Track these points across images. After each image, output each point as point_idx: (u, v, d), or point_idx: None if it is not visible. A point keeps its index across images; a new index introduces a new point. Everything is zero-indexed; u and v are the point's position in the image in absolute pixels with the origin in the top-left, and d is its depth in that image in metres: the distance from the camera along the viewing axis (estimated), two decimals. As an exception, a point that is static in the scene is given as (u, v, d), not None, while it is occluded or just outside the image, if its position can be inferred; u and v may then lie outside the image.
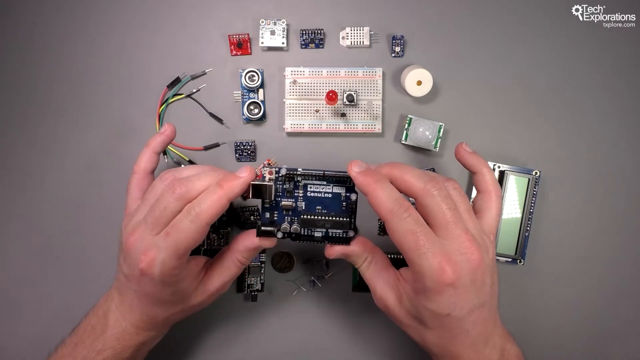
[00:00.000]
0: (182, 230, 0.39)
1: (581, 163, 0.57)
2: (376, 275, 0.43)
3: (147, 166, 0.47)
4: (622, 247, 0.56)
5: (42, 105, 0.57)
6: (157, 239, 0.40)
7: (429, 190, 0.38)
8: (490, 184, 0.44)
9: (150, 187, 0.44)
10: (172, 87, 0.57)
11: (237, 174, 0.41)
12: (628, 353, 0.56)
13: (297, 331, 0.56)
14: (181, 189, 0.40)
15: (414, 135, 0.55)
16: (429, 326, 0.40)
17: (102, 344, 0.44)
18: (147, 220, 0.41)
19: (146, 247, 0.40)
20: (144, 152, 0.47)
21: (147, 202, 0.43)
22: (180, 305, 0.45)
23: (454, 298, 0.38)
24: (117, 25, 0.57)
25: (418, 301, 0.39)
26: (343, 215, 0.44)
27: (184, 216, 0.40)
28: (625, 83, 0.56)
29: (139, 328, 0.45)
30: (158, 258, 0.40)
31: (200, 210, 0.39)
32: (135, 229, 0.42)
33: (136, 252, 0.41)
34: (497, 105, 0.57)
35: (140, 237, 0.41)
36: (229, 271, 0.46)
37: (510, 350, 0.42)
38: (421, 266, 0.37)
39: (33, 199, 0.57)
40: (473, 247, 0.38)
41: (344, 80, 0.56)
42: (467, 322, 0.39)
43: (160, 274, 0.40)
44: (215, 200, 0.40)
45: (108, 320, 0.45)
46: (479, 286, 0.39)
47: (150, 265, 0.40)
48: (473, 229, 0.40)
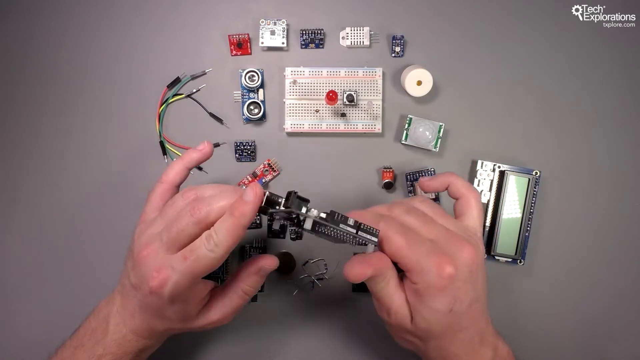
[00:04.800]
0: (201, 257, 0.39)
1: (581, 163, 0.57)
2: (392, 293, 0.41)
3: (175, 179, 0.46)
4: (622, 247, 0.56)
5: (42, 105, 0.57)
6: (173, 259, 0.39)
7: (382, 226, 0.39)
8: (463, 188, 0.44)
9: (171, 201, 0.43)
10: (172, 87, 0.57)
11: (244, 199, 0.39)
12: (628, 353, 0.56)
13: (297, 331, 0.56)
14: (200, 212, 0.39)
15: (414, 135, 0.55)
16: (432, 328, 0.40)
17: (102, 349, 0.44)
18: (163, 238, 0.40)
19: (159, 265, 0.39)
20: (176, 164, 0.46)
21: (165, 217, 0.42)
22: (181, 323, 0.44)
23: (454, 291, 0.38)
24: (117, 25, 0.57)
25: (424, 303, 0.39)
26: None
27: (204, 244, 0.39)
28: (626, 83, 0.56)
29: (139, 335, 0.44)
30: (172, 279, 0.39)
31: (219, 240, 0.39)
32: (149, 243, 0.41)
33: (148, 268, 0.40)
34: (497, 105, 0.57)
35: (155, 253, 0.40)
36: (231, 302, 0.45)
37: (502, 348, 0.42)
38: (420, 264, 0.38)
39: (34, 200, 0.57)
40: (463, 242, 0.39)
41: (344, 80, 0.56)
42: (466, 318, 0.39)
43: (170, 294, 0.40)
44: (230, 229, 0.39)
45: (109, 325, 0.44)
46: (475, 279, 0.39)
47: (162, 285, 0.39)
48: (454, 228, 0.41)
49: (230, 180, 0.57)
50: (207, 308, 0.44)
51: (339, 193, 0.57)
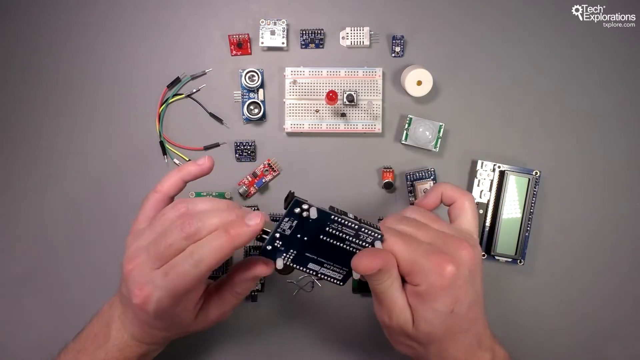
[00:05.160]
0: (182, 274, 0.37)
1: (581, 163, 0.57)
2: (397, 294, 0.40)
3: (169, 190, 0.44)
4: (621, 247, 0.56)
5: (43, 105, 0.57)
6: (155, 276, 0.38)
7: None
8: (454, 192, 0.44)
9: (161, 214, 0.41)
10: (172, 87, 0.57)
11: (246, 221, 0.38)
12: (628, 353, 0.56)
13: (297, 332, 0.56)
14: (190, 228, 0.38)
15: (414, 135, 0.55)
16: (434, 331, 0.40)
17: (104, 354, 0.43)
18: (150, 252, 0.39)
19: (143, 281, 0.38)
20: (172, 176, 0.44)
21: (154, 230, 0.41)
22: (179, 330, 0.44)
23: (455, 291, 0.38)
24: (117, 26, 0.57)
25: (425, 304, 0.39)
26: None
27: (185, 259, 0.37)
28: (625, 83, 0.56)
29: (140, 341, 0.44)
30: (154, 296, 0.38)
31: (202, 257, 0.37)
32: (135, 257, 0.40)
33: (132, 284, 0.39)
34: (497, 105, 0.57)
35: (139, 268, 0.39)
36: (227, 302, 0.44)
37: (498, 352, 0.42)
38: (420, 266, 0.38)
39: (35, 200, 0.57)
40: (461, 242, 0.39)
41: (344, 80, 0.56)
42: (466, 319, 0.39)
43: (154, 311, 0.39)
44: (218, 248, 0.37)
45: (111, 330, 0.44)
46: (474, 280, 0.39)
47: (145, 302, 0.38)
48: (450, 231, 0.41)
49: (231, 181, 0.57)
50: (204, 310, 0.44)
51: (339, 193, 0.57)
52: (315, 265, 0.41)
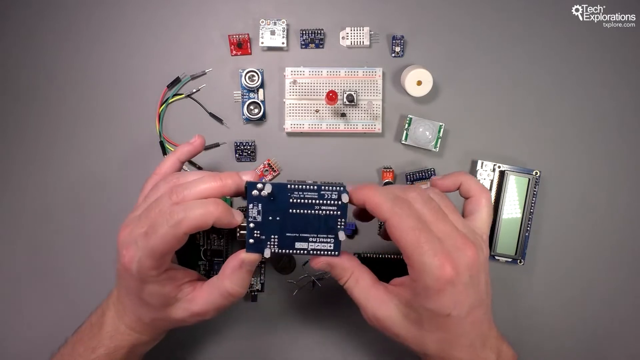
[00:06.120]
0: (160, 234, 0.39)
1: (581, 163, 0.57)
2: (365, 292, 0.42)
3: (167, 171, 0.47)
4: (622, 247, 0.56)
5: (43, 104, 0.57)
6: (138, 237, 0.40)
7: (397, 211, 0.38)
8: (476, 188, 0.44)
9: (155, 187, 0.44)
10: (172, 87, 0.57)
11: (236, 175, 0.42)
12: (628, 353, 0.56)
13: (297, 331, 0.56)
14: (178, 196, 0.40)
15: (414, 135, 0.55)
16: (429, 331, 0.39)
17: (97, 342, 0.44)
18: (141, 219, 0.41)
19: (128, 243, 0.40)
20: (169, 157, 0.48)
21: (147, 201, 0.43)
22: (162, 312, 0.44)
23: (454, 296, 0.37)
24: (117, 25, 0.57)
25: (418, 303, 0.39)
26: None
27: (165, 220, 0.39)
28: (625, 83, 0.56)
29: (131, 328, 0.45)
30: (136, 256, 0.40)
31: (182, 219, 0.38)
32: (128, 224, 0.42)
33: (121, 247, 0.41)
34: (497, 105, 0.57)
35: (129, 233, 0.41)
36: (213, 297, 0.44)
37: (506, 352, 0.42)
38: (422, 263, 0.37)
39: (35, 200, 0.57)
40: (467, 243, 0.38)
41: (344, 80, 0.56)
42: (466, 322, 0.39)
43: (138, 272, 0.40)
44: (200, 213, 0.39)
45: (105, 318, 0.45)
46: (476, 284, 0.39)
47: (130, 262, 0.40)
48: (463, 228, 0.40)
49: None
50: (190, 299, 0.44)
51: (339, 193, 0.57)
52: (302, 243, 0.42)
